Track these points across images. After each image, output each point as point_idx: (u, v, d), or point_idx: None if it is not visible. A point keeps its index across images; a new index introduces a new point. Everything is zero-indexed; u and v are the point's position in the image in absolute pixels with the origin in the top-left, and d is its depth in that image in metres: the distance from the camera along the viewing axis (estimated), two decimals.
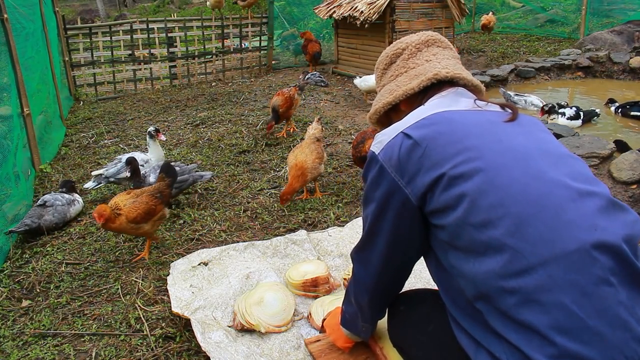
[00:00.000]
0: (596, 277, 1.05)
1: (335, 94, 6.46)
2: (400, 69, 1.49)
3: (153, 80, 7.27)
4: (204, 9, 12.84)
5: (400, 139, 1.26)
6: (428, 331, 1.41)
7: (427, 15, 6.98)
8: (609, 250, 1.07)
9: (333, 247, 2.72)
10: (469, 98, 1.37)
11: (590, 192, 1.14)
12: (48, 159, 4.40)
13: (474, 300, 1.16)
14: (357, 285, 1.51)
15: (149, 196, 2.74)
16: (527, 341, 1.06)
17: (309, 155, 3.37)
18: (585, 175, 1.19)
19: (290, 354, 1.96)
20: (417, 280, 2.33)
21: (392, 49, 1.54)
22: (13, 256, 2.90)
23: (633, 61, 6.77)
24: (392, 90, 1.47)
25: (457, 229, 1.16)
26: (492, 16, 9.30)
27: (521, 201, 1.11)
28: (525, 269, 1.07)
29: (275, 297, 2.16)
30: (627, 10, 8.95)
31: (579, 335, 1.03)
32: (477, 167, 1.15)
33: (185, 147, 4.69)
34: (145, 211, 2.68)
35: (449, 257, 1.22)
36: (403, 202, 1.26)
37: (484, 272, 1.11)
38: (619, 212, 1.15)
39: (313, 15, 9.10)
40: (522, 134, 1.24)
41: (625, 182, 3.36)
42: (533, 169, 1.15)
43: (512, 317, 1.08)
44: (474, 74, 6.60)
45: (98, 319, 2.32)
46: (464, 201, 1.14)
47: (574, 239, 1.07)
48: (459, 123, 1.24)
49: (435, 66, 1.42)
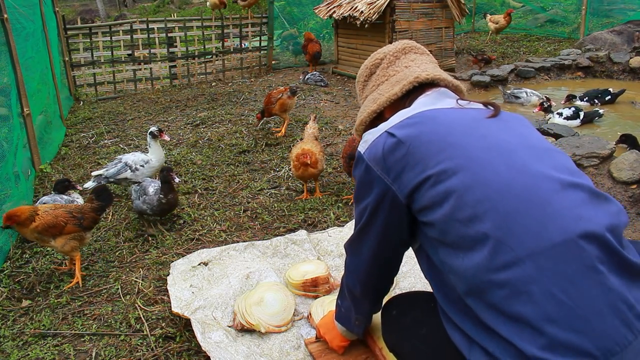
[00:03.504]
0: (584, 266, 1.06)
1: (335, 94, 6.46)
2: (380, 78, 1.53)
3: (153, 80, 7.27)
4: (204, 9, 12.84)
5: (384, 137, 1.30)
6: (421, 334, 1.42)
7: (427, 15, 6.98)
8: (595, 239, 1.09)
9: (333, 247, 2.72)
10: (452, 98, 1.40)
11: (574, 184, 1.16)
12: (48, 159, 4.40)
13: (465, 295, 1.18)
14: (349, 276, 1.55)
15: (64, 212, 2.57)
16: (518, 333, 1.07)
17: (315, 148, 3.45)
18: (568, 167, 1.21)
19: (290, 354, 1.96)
20: (417, 280, 2.33)
21: (370, 60, 1.58)
22: (13, 256, 2.90)
23: (633, 61, 6.77)
24: (375, 99, 1.50)
25: (445, 225, 1.18)
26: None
27: (506, 195, 1.13)
28: (514, 261, 1.09)
29: (275, 297, 2.17)
30: (627, 10, 8.95)
31: (570, 324, 1.04)
32: (461, 163, 1.18)
33: (185, 147, 4.70)
34: (49, 224, 2.49)
35: (439, 253, 1.24)
36: (391, 199, 1.29)
37: (473, 267, 1.13)
38: (603, 202, 1.17)
39: (313, 15, 9.10)
40: (505, 130, 1.26)
41: (625, 182, 3.36)
42: (517, 163, 1.17)
43: (502, 310, 1.10)
44: (474, 74, 6.60)
45: (98, 319, 2.32)
46: (451, 197, 1.16)
47: (560, 229, 1.08)
48: (443, 121, 1.27)
49: (415, 70, 1.46)
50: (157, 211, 3.04)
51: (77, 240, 2.62)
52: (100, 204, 2.72)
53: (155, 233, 3.08)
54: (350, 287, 1.56)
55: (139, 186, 3.15)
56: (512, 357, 1.08)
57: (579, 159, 3.62)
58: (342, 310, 1.69)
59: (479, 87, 6.51)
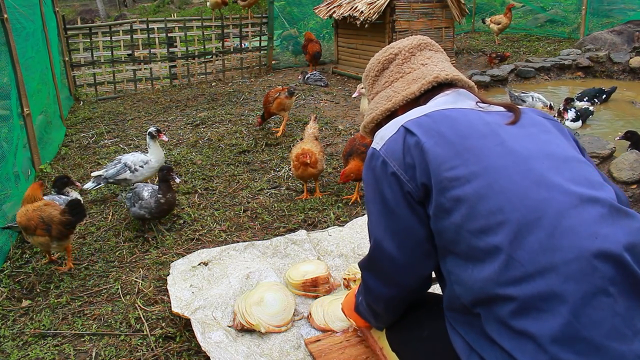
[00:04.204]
0: (594, 287, 1.02)
1: (335, 94, 6.46)
2: (395, 74, 1.45)
3: (153, 80, 7.27)
4: (204, 9, 12.83)
5: (403, 133, 1.23)
6: (423, 337, 1.40)
7: (427, 15, 6.98)
8: (610, 259, 1.03)
9: (333, 247, 2.71)
10: (472, 100, 1.34)
11: (593, 198, 1.10)
12: (48, 159, 4.40)
13: (470, 306, 1.14)
14: (368, 295, 1.44)
15: (37, 215, 2.60)
16: (521, 349, 1.05)
17: (315, 148, 3.45)
18: (589, 179, 1.15)
19: (290, 354, 1.96)
20: None
21: (383, 54, 1.49)
22: (13, 256, 2.90)
23: (633, 61, 6.77)
24: (389, 96, 1.43)
25: (455, 235, 1.14)
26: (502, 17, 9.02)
27: (521, 207, 1.08)
28: (523, 276, 1.05)
29: (275, 297, 2.16)
30: (627, 10, 8.94)
31: (573, 345, 1.01)
32: (476, 170, 1.13)
33: (185, 147, 4.70)
34: (25, 219, 2.62)
35: (447, 263, 1.20)
36: (409, 199, 1.21)
37: (482, 279, 1.09)
38: (623, 218, 1.10)
39: (313, 15, 9.09)
40: (525, 136, 1.20)
41: (625, 182, 3.37)
42: (534, 174, 1.12)
43: (507, 324, 1.06)
44: (474, 74, 6.60)
45: (98, 319, 2.32)
46: (462, 206, 1.12)
47: (574, 247, 1.04)
48: (461, 123, 1.22)
49: (433, 69, 1.39)
50: (156, 213, 3.00)
51: (42, 245, 2.65)
52: (69, 218, 2.59)
53: (156, 234, 3.08)
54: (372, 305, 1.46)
55: (131, 193, 3.10)
56: None
57: None
58: (360, 309, 1.59)
59: (479, 87, 6.51)
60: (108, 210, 3.47)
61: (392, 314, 1.46)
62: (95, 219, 3.36)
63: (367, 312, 1.53)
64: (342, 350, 1.87)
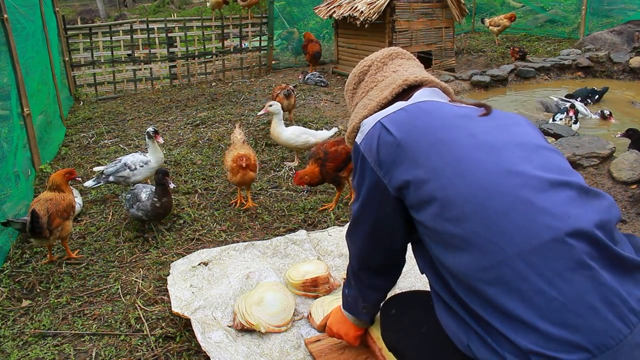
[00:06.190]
0: (573, 262, 1.07)
1: (335, 94, 6.46)
2: (369, 84, 1.56)
3: (153, 80, 7.27)
4: (204, 9, 12.84)
5: (379, 129, 1.31)
6: (421, 333, 1.43)
7: (427, 15, 6.98)
8: (584, 236, 1.09)
9: (333, 247, 2.72)
10: (444, 98, 1.43)
11: (563, 182, 1.16)
12: (48, 159, 4.40)
13: (459, 291, 1.19)
14: (350, 262, 1.59)
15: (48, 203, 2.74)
16: (513, 328, 1.09)
17: (250, 152, 3.38)
18: (559, 166, 1.21)
19: (290, 354, 1.96)
20: (416, 280, 2.33)
21: (358, 68, 1.61)
22: (13, 256, 2.90)
23: (633, 61, 6.77)
24: (365, 105, 1.52)
25: (434, 224, 1.20)
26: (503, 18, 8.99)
27: (495, 194, 1.13)
28: (503, 259, 1.10)
29: (275, 297, 2.17)
30: (627, 10, 8.95)
31: (562, 319, 1.05)
32: (449, 161, 1.19)
33: (185, 147, 4.70)
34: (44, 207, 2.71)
35: (433, 250, 1.25)
36: (383, 192, 1.30)
37: (464, 265, 1.15)
38: (593, 198, 1.17)
39: (313, 15, 9.09)
40: (497, 128, 1.26)
41: (625, 182, 3.37)
42: (506, 162, 1.17)
43: (496, 306, 1.11)
44: (474, 74, 6.60)
45: (98, 319, 2.32)
46: (438, 197, 1.17)
47: (548, 228, 1.09)
48: (437, 114, 1.29)
49: (403, 74, 1.49)
50: (152, 216, 3.00)
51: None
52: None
53: (156, 234, 3.08)
54: (353, 273, 1.58)
55: (131, 194, 3.10)
56: (509, 350, 1.10)
57: (578, 159, 3.63)
58: (348, 300, 1.69)
59: (479, 87, 6.51)
60: (108, 210, 3.47)
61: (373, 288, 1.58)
62: (95, 219, 3.36)
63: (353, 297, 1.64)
64: (342, 350, 1.87)
